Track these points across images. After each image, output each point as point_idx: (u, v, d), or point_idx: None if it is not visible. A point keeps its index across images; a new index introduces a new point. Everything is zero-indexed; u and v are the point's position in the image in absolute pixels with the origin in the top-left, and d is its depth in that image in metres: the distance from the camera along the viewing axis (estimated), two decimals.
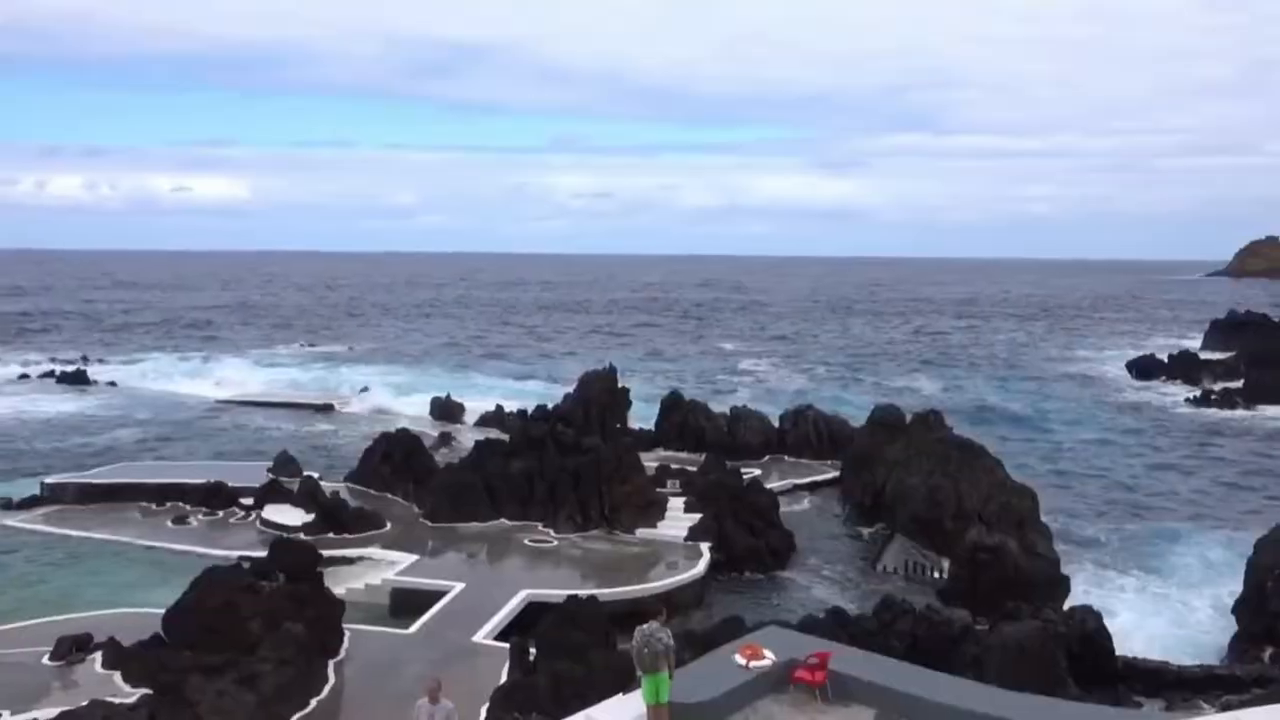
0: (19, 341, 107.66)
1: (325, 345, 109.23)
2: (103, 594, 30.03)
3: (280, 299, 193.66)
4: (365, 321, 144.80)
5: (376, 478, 41.62)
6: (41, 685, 22.17)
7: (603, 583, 30.29)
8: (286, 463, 43.47)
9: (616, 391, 50.86)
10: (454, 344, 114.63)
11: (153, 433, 57.85)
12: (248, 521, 37.69)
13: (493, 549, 34.41)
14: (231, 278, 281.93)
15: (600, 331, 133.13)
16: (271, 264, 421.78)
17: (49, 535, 36.41)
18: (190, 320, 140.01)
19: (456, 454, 46.32)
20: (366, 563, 33.24)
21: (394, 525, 36.86)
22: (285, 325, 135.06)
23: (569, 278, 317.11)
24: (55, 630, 24.65)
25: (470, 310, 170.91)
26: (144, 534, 36.23)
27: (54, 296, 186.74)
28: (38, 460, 49.43)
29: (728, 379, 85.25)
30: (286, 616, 23.50)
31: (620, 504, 36.76)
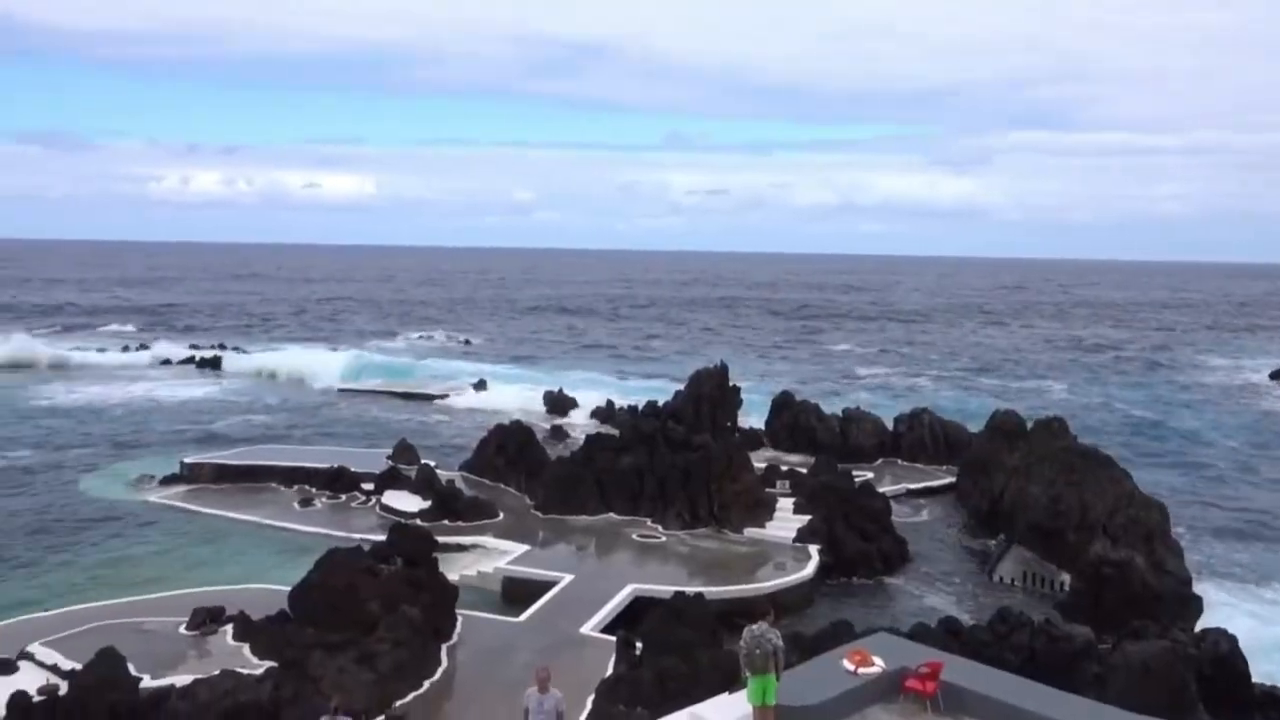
0: (162, 329, 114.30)
1: (444, 337, 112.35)
2: (234, 569, 31.66)
3: (403, 292, 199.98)
4: (482, 315, 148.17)
5: (490, 468, 42.60)
6: (178, 653, 23.49)
7: (710, 580, 30.29)
8: (405, 450, 44.92)
9: (727, 389, 50.69)
10: (567, 339, 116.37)
11: (281, 418, 60.58)
12: (368, 506, 39.09)
13: (601, 542, 34.80)
14: (357, 271, 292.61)
15: (711, 329, 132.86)
16: (395, 258, 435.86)
17: (187, 512, 38.59)
18: (318, 311, 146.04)
19: (568, 447, 46.99)
20: (479, 551, 34.05)
21: (506, 515, 37.66)
22: (407, 317, 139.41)
23: (681, 275, 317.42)
24: (191, 602, 26.09)
25: (584, 306, 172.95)
26: (273, 514, 37.97)
27: (195, 287, 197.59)
28: (177, 440, 52.41)
29: (840, 379, 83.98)
30: (403, 599, 24.29)
31: (729, 502, 36.67)
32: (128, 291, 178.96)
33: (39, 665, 22.26)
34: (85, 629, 24.30)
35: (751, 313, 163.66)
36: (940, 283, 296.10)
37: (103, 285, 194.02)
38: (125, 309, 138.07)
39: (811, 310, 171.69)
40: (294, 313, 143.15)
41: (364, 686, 21.20)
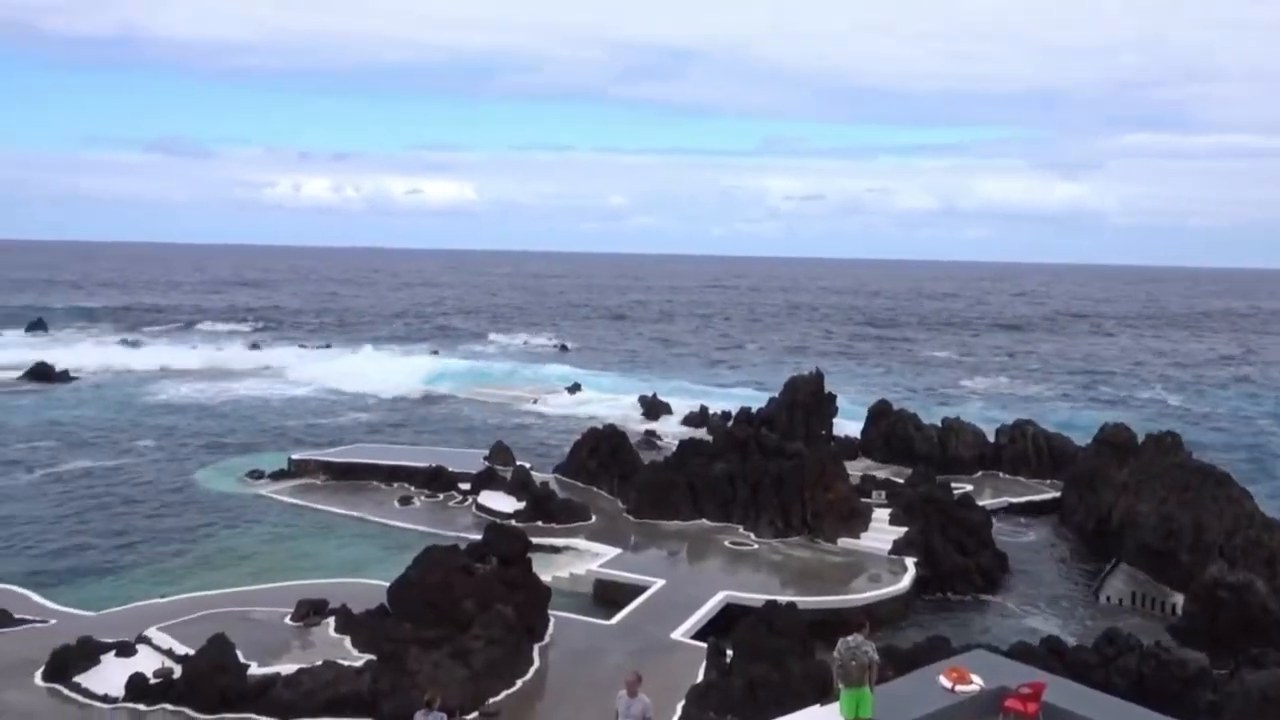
0: (272, 329, 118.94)
1: (540, 341, 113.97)
2: (337, 563, 32.68)
3: (500, 296, 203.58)
4: (578, 319, 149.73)
5: (583, 471, 43.00)
6: (282, 642, 24.35)
7: (802, 590, 29.94)
8: (501, 452, 45.71)
9: (822, 397, 50.10)
10: (661, 344, 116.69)
11: (383, 417, 62.34)
12: (465, 505, 39.88)
13: (693, 548, 34.75)
14: (456, 275, 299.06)
15: (807, 335, 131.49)
16: (493, 262, 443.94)
17: (294, 506, 40.01)
18: (419, 314, 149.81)
19: (661, 452, 47.11)
20: (572, 553, 34.38)
21: (599, 518, 37.95)
22: (504, 321, 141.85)
23: (777, 281, 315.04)
24: (296, 594, 27.00)
25: (678, 312, 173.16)
26: (374, 511, 39.07)
27: (303, 289, 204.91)
28: (286, 436, 54.43)
29: (940, 389, 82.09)
30: (498, 598, 24.69)
31: (823, 511, 36.20)
32: (241, 293, 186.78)
33: (155, 649, 23.35)
34: (198, 616, 25.38)
35: (848, 319, 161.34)
36: (1047, 289, 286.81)
37: (218, 287, 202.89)
38: (240, 310, 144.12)
39: (910, 317, 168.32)
40: (396, 315, 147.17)
41: (458, 682, 21.62)
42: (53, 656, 22.37)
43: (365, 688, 21.28)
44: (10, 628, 25.40)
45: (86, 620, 26.05)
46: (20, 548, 34.55)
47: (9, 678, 21.97)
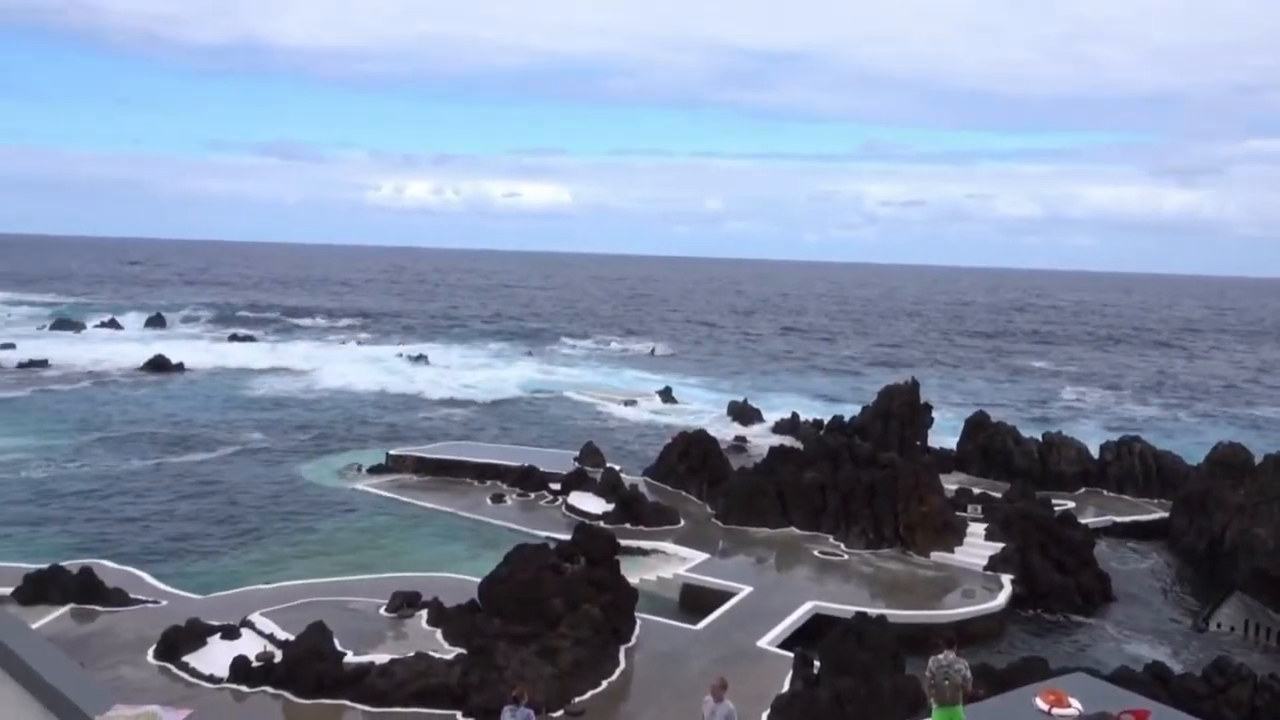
0: (374, 327, 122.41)
1: (633, 345, 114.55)
2: (430, 557, 33.44)
3: (593, 299, 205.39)
4: (671, 323, 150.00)
5: (672, 475, 43.06)
6: (377, 632, 25.03)
7: (893, 603, 29.41)
8: (591, 453, 46.11)
9: (917, 407, 49.09)
10: (753, 349, 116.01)
11: (476, 415, 63.54)
12: (555, 505, 40.34)
13: (781, 556, 34.46)
14: (552, 277, 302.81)
15: (901, 344, 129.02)
16: (587, 265, 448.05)
17: (391, 500, 41.09)
18: (515, 314, 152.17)
19: (750, 458, 46.82)
20: (659, 556, 34.47)
21: (687, 522, 37.95)
22: (596, 324, 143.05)
23: (872, 288, 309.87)
24: (391, 586, 27.75)
25: (771, 318, 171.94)
26: (466, 507, 39.86)
27: (404, 289, 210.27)
28: (384, 432, 55.94)
29: (1041, 402, 79.54)
30: (585, 598, 24.93)
31: (916, 524, 35.49)
32: (345, 292, 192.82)
33: (258, 633, 24.27)
34: (298, 604, 26.28)
35: (946, 328, 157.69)
36: (1158, 300, 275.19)
37: (324, 286, 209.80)
38: (344, 309, 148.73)
39: (1011, 327, 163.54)
40: (492, 315, 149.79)
41: (545, 679, 21.89)
42: (164, 636, 23.46)
43: (455, 680, 21.73)
44: (126, 607, 26.76)
45: (195, 603, 27.25)
46: (137, 532, 36.34)
47: (124, 654, 23.13)
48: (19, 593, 26.94)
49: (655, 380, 79.23)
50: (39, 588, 27.01)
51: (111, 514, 38.38)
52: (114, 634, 24.61)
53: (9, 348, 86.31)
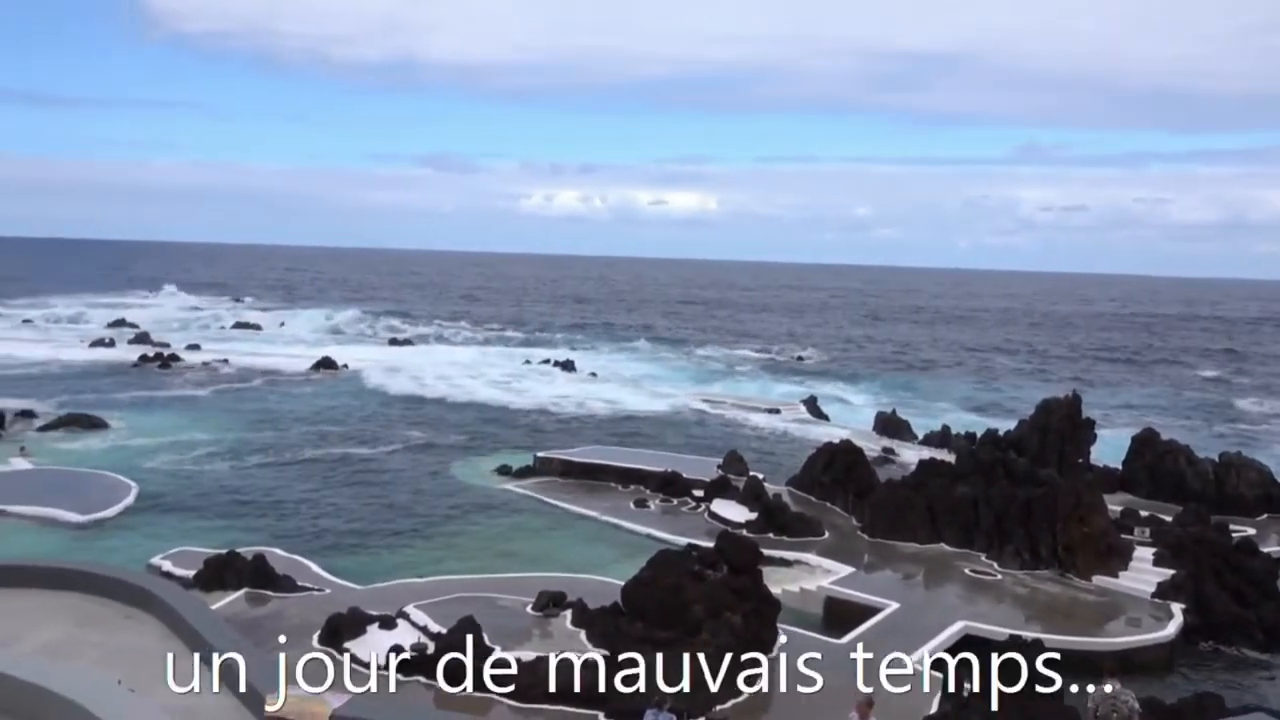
0: (525, 332, 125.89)
1: (777, 352, 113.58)
2: (574, 559, 34.06)
3: (738, 306, 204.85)
4: (817, 332, 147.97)
5: (817, 485, 42.42)
6: (524, 630, 25.69)
7: (1049, 627, 28.07)
8: (735, 461, 45.96)
9: (1079, 422, 46.63)
10: (902, 358, 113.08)
11: (621, 421, 64.32)
12: (697, 512, 40.42)
13: (930, 572, 33.43)
14: (697, 284, 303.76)
15: (1063, 355, 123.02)
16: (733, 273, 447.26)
17: (538, 502, 42.13)
18: (661, 322, 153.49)
19: (898, 471, 45.64)
20: (802, 567, 34.02)
21: (831, 534, 37.32)
22: (743, 331, 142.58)
23: (1030, 296, 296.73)
24: (537, 585, 28.43)
25: (921, 326, 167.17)
26: (610, 511, 40.41)
27: (552, 294, 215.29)
28: (533, 436, 57.40)
29: (1218, 420, 74.28)
30: (726, 606, 24.86)
31: (1076, 545, 33.74)
32: (498, 298, 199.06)
33: (412, 625, 25.31)
34: (450, 598, 27.27)
35: (1111, 340, 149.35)
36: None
37: (478, 292, 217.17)
38: (501, 315, 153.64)
39: (1185, 339, 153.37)
40: (639, 323, 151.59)
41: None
42: (327, 622, 24.79)
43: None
44: (294, 593, 28.42)
45: (355, 593, 28.67)
46: (304, 523, 38.54)
47: (292, 637, 24.52)
48: (200, 576, 29.03)
49: (800, 389, 78.28)
50: (217, 572, 29.03)
51: (282, 505, 40.84)
52: (282, 618, 26.17)
53: (194, 348, 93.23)
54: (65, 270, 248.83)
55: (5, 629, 18.69)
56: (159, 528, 36.42)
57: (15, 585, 20.84)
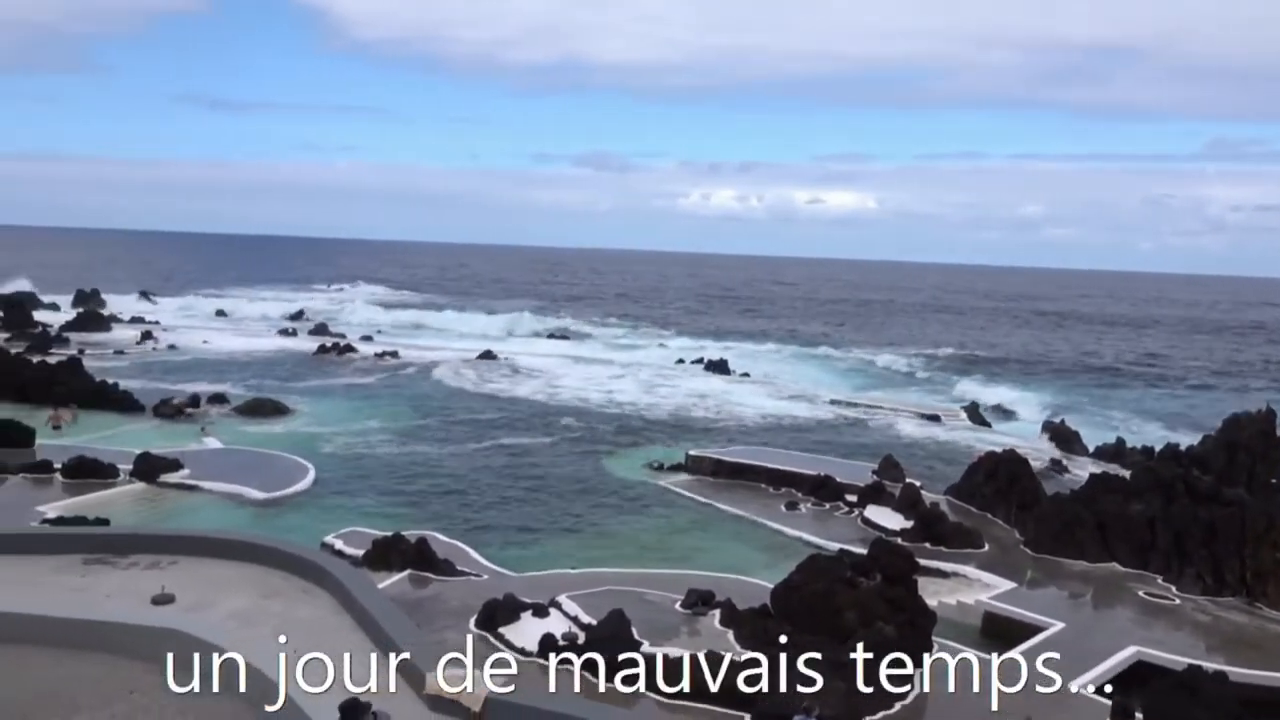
0: (677, 331, 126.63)
1: (939, 355, 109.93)
2: (723, 558, 34.01)
3: (898, 307, 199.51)
4: (980, 335, 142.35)
5: (977, 496, 40.83)
6: (672, 626, 25.82)
7: (1233, 659, 26.02)
8: (891, 467, 44.80)
9: (1273, 439, 43.07)
10: (1074, 365, 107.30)
11: (773, 422, 63.76)
12: (850, 517, 39.62)
13: (1100, 593, 31.59)
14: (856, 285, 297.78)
15: (1256, 367, 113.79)
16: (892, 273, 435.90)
17: (688, 499, 42.29)
18: (814, 323, 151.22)
19: (1066, 484, 43.39)
20: (959, 579, 32.82)
21: (992, 547, 35.84)
22: (902, 333, 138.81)
23: (1217, 301, 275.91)
24: (686, 582, 28.52)
25: (1094, 331, 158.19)
26: (760, 512, 40.13)
27: (706, 293, 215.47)
28: (686, 433, 57.66)
29: None
30: (879, 615, 24.24)
31: (1268, 571, 31.17)
32: (650, 295, 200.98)
33: (564, 615, 25.88)
34: (600, 590, 27.71)
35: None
36: None
37: (634, 290, 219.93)
38: (654, 314, 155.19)
39: None
40: (795, 323, 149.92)
41: (836, 693, 21.53)
42: (484, 607, 25.64)
43: (746, 682, 21.90)
44: (453, 578, 29.57)
45: (510, 580, 29.55)
46: (464, 508, 40.05)
47: (450, 619, 25.56)
48: (368, 556, 30.59)
49: (962, 395, 75.53)
50: (384, 553, 30.50)
51: (444, 491, 42.56)
52: (442, 600, 27.25)
53: (367, 339, 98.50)
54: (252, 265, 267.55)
55: (203, 595, 20.28)
56: (331, 508, 38.61)
57: (211, 555, 22.58)
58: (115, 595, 19.88)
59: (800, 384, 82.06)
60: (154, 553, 22.75)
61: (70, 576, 21.35)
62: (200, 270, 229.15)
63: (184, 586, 20.57)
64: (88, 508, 34.63)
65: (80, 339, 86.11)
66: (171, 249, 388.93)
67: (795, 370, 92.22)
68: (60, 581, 20.98)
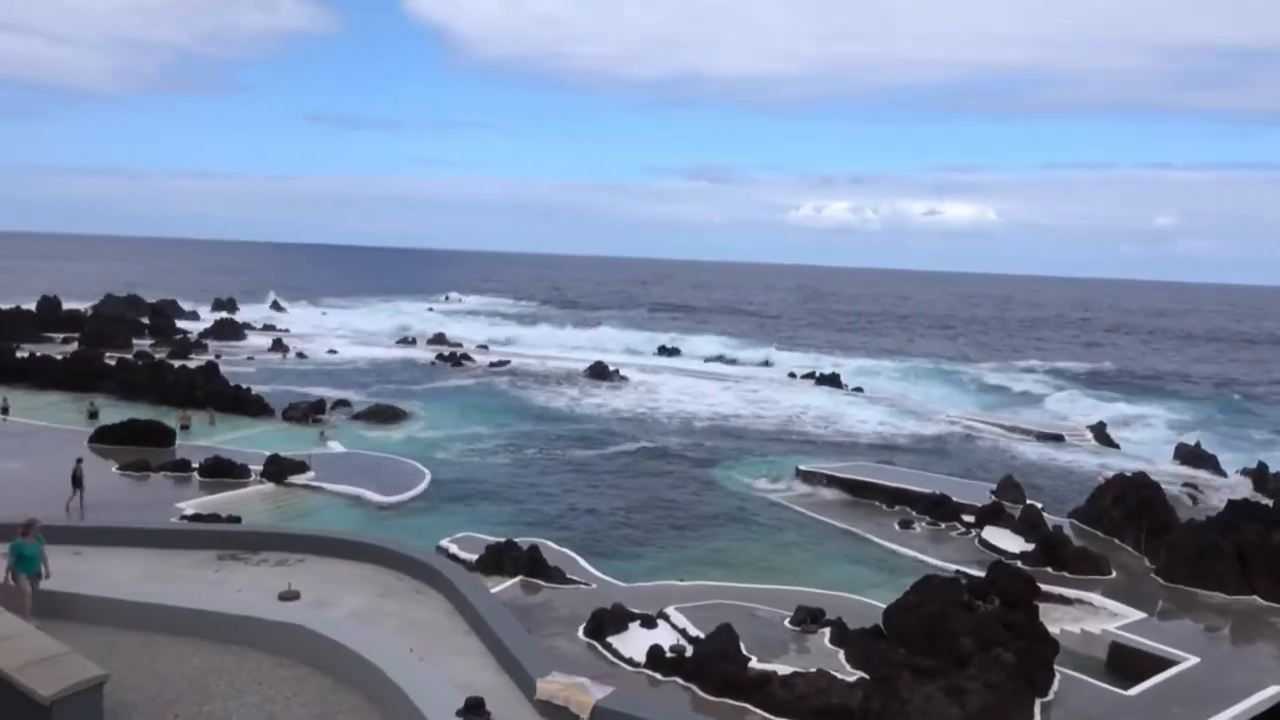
0: (791, 344, 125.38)
1: (1062, 373, 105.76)
2: (833, 575, 33.42)
3: (1018, 322, 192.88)
4: (1108, 351, 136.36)
5: (1104, 520, 39.06)
6: (780, 643, 25.50)
7: None
8: (1011, 487, 43.30)
9: None
10: (1212, 384, 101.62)
11: (889, 438, 62.46)
12: (967, 538, 38.43)
13: (1239, 627, 29.76)
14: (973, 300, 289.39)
15: None
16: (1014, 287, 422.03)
17: (799, 515, 41.74)
18: (933, 338, 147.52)
19: (1201, 510, 41.16)
20: (1084, 607, 31.40)
21: (1119, 574, 34.20)
22: (1023, 349, 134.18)
23: None
24: (796, 599, 28.14)
25: (1237, 348, 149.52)
26: (872, 530, 39.31)
27: (821, 307, 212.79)
28: (796, 447, 57.00)
29: None
30: (997, 641, 23.43)
31: None
32: (761, 308, 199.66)
33: (672, 626, 25.87)
34: (709, 603, 27.60)
35: None
36: None
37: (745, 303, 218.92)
38: (765, 327, 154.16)
39: None
40: (909, 337, 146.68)
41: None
42: (593, 616, 25.84)
43: (855, 704, 21.48)
44: (564, 585, 29.92)
45: (619, 590, 29.68)
46: (573, 517, 40.49)
47: (559, 627, 25.85)
48: (481, 561, 31.23)
49: (1088, 414, 72.44)
50: (496, 558, 31.08)
51: (554, 499, 43.13)
52: (552, 608, 27.59)
53: (483, 349, 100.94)
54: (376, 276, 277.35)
55: (326, 592, 21.11)
56: (446, 513, 39.58)
57: (333, 555, 23.49)
58: (246, 590, 20.87)
59: (915, 400, 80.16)
60: (282, 550, 23.82)
61: (206, 571, 22.52)
62: (328, 281, 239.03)
63: (308, 584, 21.44)
64: (221, 505, 36.46)
65: (217, 346, 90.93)
66: (302, 260, 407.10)
67: (910, 386, 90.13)
68: (197, 575, 22.15)
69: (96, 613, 17.28)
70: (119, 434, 46.74)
